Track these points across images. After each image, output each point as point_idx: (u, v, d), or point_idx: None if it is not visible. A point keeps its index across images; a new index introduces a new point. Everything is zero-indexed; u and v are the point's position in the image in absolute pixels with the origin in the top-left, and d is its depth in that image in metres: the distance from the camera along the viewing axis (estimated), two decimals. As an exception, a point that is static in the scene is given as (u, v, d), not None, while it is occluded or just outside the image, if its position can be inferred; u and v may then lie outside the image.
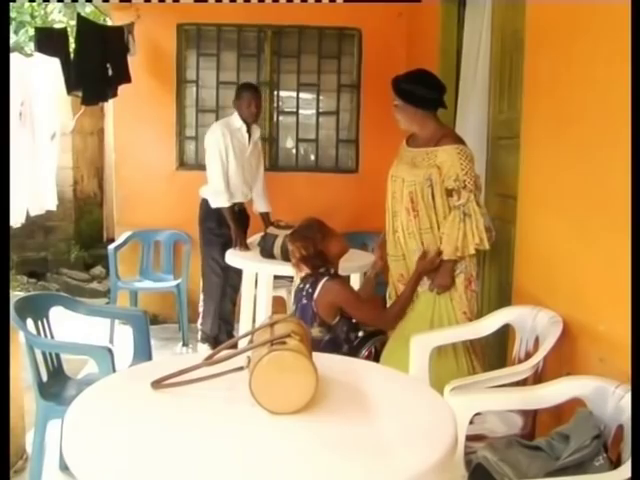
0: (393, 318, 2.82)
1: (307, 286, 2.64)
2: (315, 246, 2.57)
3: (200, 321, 4.42)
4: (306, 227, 2.64)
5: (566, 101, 2.41)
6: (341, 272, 2.83)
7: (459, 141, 2.77)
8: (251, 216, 4.43)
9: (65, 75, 4.25)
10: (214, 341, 4.34)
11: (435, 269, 2.75)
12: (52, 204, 4.55)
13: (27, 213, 4.19)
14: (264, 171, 4.51)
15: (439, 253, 2.72)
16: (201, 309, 4.42)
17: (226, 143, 4.15)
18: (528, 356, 2.33)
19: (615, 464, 1.71)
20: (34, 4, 7.86)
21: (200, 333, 4.43)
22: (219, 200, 4.14)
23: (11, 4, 4.30)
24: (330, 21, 5.06)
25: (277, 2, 4.96)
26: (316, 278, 2.60)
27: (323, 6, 4.96)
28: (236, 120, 4.23)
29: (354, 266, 3.47)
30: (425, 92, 2.80)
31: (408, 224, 2.81)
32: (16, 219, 3.75)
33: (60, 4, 7.74)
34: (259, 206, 4.46)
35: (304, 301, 2.63)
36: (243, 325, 3.94)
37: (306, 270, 2.69)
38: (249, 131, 4.26)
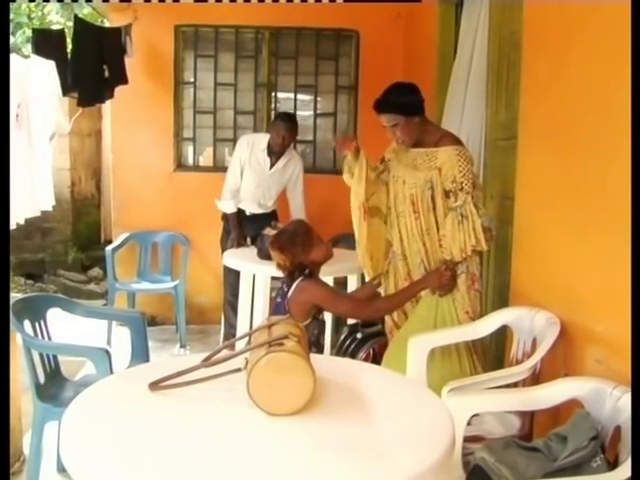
0: (377, 310, 2.78)
1: (283, 285, 2.65)
2: (293, 259, 2.55)
3: (223, 322, 4.51)
4: (290, 235, 2.60)
5: (563, 102, 2.41)
6: (337, 273, 2.80)
7: (457, 142, 2.76)
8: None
9: (61, 76, 4.24)
10: None
11: (443, 285, 2.70)
12: (48, 205, 4.53)
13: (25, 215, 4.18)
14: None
15: (446, 267, 2.68)
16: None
17: (244, 155, 4.24)
18: (526, 357, 2.34)
19: (612, 465, 1.71)
20: (31, 5, 7.85)
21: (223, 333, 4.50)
22: (222, 205, 4.35)
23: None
24: (327, 22, 5.06)
25: (276, 2, 4.97)
26: (292, 278, 2.60)
27: (320, 7, 4.97)
28: (263, 141, 4.26)
29: (352, 267, 3.47)
30: (416, 98, 2.77)
31: (411, 225, 2.81)
32: (15, 220, 3.73)
33: (57, 5, 7.72)
34: None
35: (278, 299, 2.64)
36: (241, 326, 3.94)
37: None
38: (274, 157, 4.26)
